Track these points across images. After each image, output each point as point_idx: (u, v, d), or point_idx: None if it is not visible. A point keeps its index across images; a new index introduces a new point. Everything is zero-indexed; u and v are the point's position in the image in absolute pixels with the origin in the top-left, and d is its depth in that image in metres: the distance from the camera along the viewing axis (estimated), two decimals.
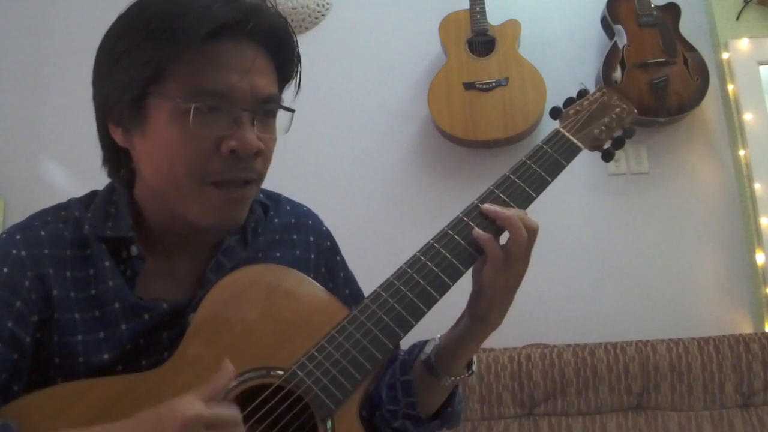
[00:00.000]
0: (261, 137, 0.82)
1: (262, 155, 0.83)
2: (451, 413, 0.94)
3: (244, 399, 0.77)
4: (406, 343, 0.89)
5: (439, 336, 0.92)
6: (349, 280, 1.04)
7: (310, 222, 1.02)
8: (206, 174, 0.81)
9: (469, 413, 1.94)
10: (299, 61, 0.89)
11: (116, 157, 0.89)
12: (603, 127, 1.00)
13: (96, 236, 0.85)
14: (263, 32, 0.82)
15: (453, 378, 0.90)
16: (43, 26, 2.68)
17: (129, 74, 0.79)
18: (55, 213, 0.88)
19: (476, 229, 0.86)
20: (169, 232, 0.88)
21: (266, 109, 0.84)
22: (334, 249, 1.04)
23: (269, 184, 1.01)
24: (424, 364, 0.90)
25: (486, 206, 0.87)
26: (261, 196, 0.98)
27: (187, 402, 0.67)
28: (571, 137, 0.97)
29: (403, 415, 0.91)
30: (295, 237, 0.98)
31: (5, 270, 0.80)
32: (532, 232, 0.85)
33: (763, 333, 1.99)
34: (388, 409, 0.92)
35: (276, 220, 0.98)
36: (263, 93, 0.82)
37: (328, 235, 1.04)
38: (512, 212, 0.86)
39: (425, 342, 0.93)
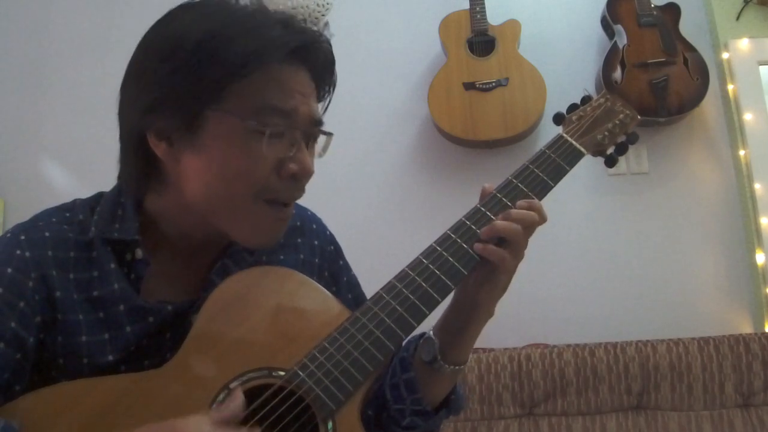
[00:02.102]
0: None
1: (308, 180, 0.85)
2: (456, 400, 0.95)
3: (246, 399, 0.77)
4: None
5: (431, 332, 0.92)
6: (352, 284, 1.04)
7: (314, 226, 1.02)
8: (266, 191, 0.82)
9: (469, 413, 1.94)
10: (334, 87, 0.91)
11: (150, 169, 0.85)
12: (606, 133, 1.00)
13: (101, 239, 0.84)
14: (316, 60, 0.85)
15: (456, 367, 0.91)
16: (43, 26, 2.68)
17: (186, 89, 0.78)
18: (59, 214, 0.88)
19: (478, 244, 0.86)
20: (182, 240, 0.88)
21: (316, 132, 0.86)
22: (338, 253, 1.04)
23: None
24: (428, 363, 0.91)
25: (484, 230, 0.87)
26: None
27: (194, 422, 0.68)
28: (574, 142, 0.97)
29: (411, 412, 0.91)
30: (299, 241, 0.98)
31: (9, 271, 0.80)
32: (530, 226, 0.87)
33: (763, 333, 1.99)
34: (395, 409, 0.92)
35: None
36: (316, 117, 0.85)
37: (331, 240, 1.04)
38: (504, 223, 0.86)
39: (420, 336, 0.93)
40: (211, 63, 0.77)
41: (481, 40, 2.37)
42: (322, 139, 0.88)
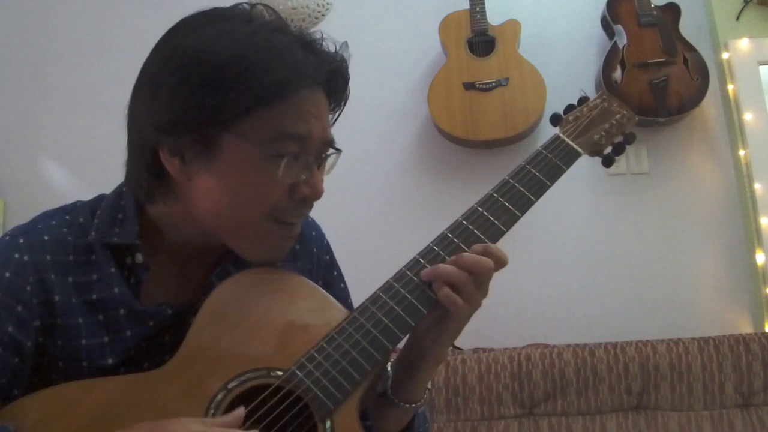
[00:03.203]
0: None
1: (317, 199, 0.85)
2: None
3: (244, 399, 0.77)
4: None
5: (389, 364, 0.90)
6: (342, 296, 1.03)
7: (314, 233, 1.02)
8: (277, 211, 0.82)
9: (469, 413, 1.94)
10: (347, 101, 0.90)
11: (159, 181, 0.83)
12: (603, 133, 1.00)
13: (101, 243, 0.84)
14: (336, 83, 0.85)
15: (407, 405, 0.88)
16: (43, 26, 2.68)
17: (206, 112, 0.76)
18: (59, 216, 0.87)
19: (442, 290, 0.82)
20: (187, 246, 0.88)
21: (327, 152, 0.87)
22: (332, 263, 1.04)
23: None
24: (380, 396, 0.89)
25: (424, 272, 0.83)
26: None
27: (186, 422, 0.68)
28: (570, 142, 0.97)
29: None
30: (297, 247, 0.98)
31: (7, 274, 0.80)
32: (480, 273, 0.82)
33: (763, 333, 1.99)
34: None
35: None
36: (329, 138, 0.86)
37: (328, 249, 1.04)
38: (448, 268, 0.82)
39: None
40: (235, 88, 0.76)
41: (481, 40, 2.37)
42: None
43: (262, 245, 0.84)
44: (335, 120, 0.90)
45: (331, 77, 0.84)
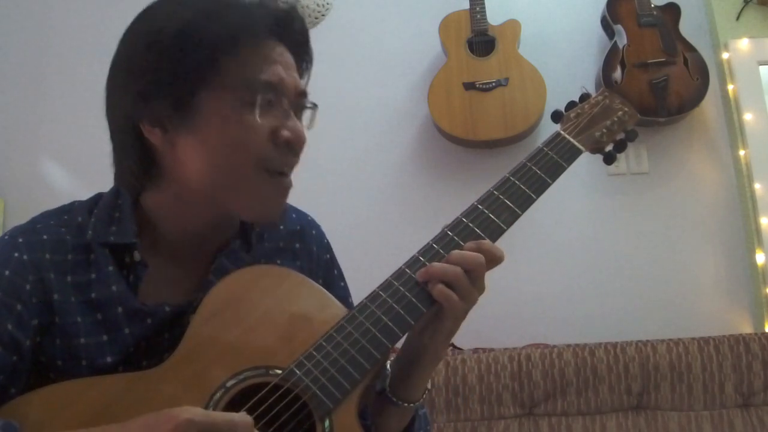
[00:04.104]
0: None
1: (302, 148, 0.87)
2: None
3: (242, 397, 0.77)
4: None
5: (388, 362, 0.90)
6: (342, 295, 1.02)
7: (314, 232, 1.02)
8: (264, 160, 0.83)
9: (469, 413, 1.94)
10: (312, 63, 0.92)
11: (147, 162, 0.86)
12: (604, 130, 1.00)
13: (99, 242, 0.85)
14: (293, 33, 0.88)
15: (406, 404, 0.88)
16: (43, 26, 2.68)
17: (175, 72, 0.80)
18: (58, 216, 0.88)
19: (436, 287, 0.82)
20: (180, 239, 0.88)
21: (303, 104, 0.88)
22: (332, 262, 1.04)
23: None
24: (379, 394, 0.89)
25: (420, 272, 0.83)
26: None
27: (185, 408, 0.68)
28: (571, 139, 0.97)
29: None
30: (297, 246, 0.98)
31: (7, 273, 0.80)
32: (473, 270, 0.82)
33: (763, 333, 1.99)
34: None
35: (281, 228, 0.98)
36: (301, 88, 0.88)
37: (328, 248, 1.04)
38: (442, 266, 0.82)
39: None
40: (197, 44, 0.80)
41: (481, 40, 2.37)
42: (317, 128, 0.90)
43: (259, 199, 0.85)
44: (307, 80, 0.92)
45: (288, 28, 0.86)
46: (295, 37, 0.88)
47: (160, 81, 0.80)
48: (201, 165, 0.83)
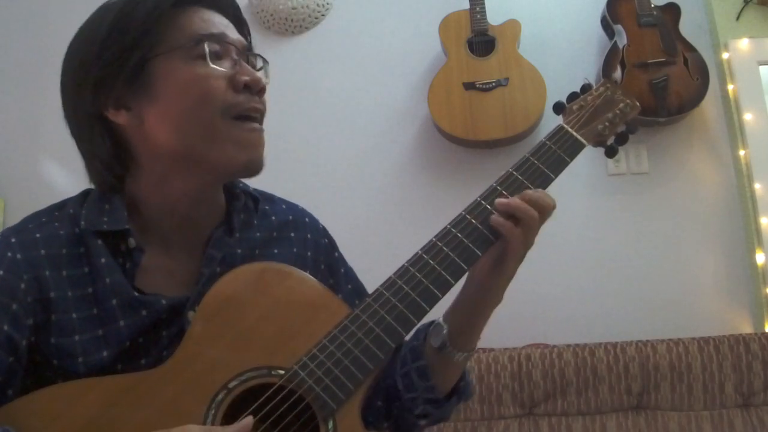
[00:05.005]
0: None
1: (263, 93, 0.89)
2: (465, 386, 0.96)
3: (245, 399, 0.77)
4: None
5: (441, 318, 0.92)
6: (350, 276, 1.04)
7: (306, 219, 1.02)
8: (230, 107, 0.84)
9: (469, 413, 1.94)
10: (248, 27, 0.95)
11: (119, 150, 0.88)
12: (606, 123, 0.99)
13: (92, 232, 0.85)
14: (222, 3, 0.91)
15: (465, 353, 0.91)
16: (44, 26, 2.68)
17: (122, 48, 0.83)
18: (49, 214, 0.88)
19: (494, 217, 0.87)
20: (169, 222, 0.89)
21: (252, 59, 0.91)
22: (332, 245, 1.04)
23: (269, 184, 1.01)
24: (438, 349, 0.91)
25: (499, 201, 0.88)
26: (250, 189, 0.99)
27: (191, 428, 0.68)
28: (574, 133, 0.96)
29: (424, 401, 0.92)
30: (292, 234, 0.98)
31: (1, 273, 0.80)
32: (544, 211, 0.88)
33: (763, 333, 1.99)
34: (408, 398, 0.92)
35: (273, 218, 0.98)
36: (246, 43, 0.91)
37: (325, 232, 1.04)
38: (518, 202, 0.87)
39: (430, 324, 0.93)
40: (134, 20, 0.83)
41: (481, 40, 2.37)
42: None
43: (234, 146, 0.85)
44: (250, 41, 0.94)
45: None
46: (224, 3, 0.91)
47: (110, 64, 0.83)
48: (171, 128, 0.84)
